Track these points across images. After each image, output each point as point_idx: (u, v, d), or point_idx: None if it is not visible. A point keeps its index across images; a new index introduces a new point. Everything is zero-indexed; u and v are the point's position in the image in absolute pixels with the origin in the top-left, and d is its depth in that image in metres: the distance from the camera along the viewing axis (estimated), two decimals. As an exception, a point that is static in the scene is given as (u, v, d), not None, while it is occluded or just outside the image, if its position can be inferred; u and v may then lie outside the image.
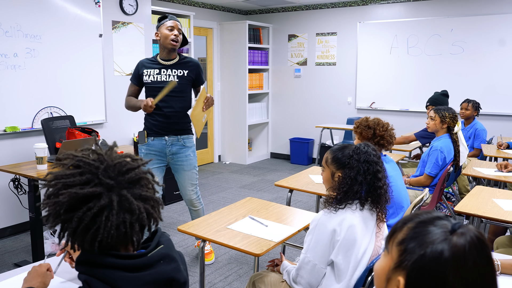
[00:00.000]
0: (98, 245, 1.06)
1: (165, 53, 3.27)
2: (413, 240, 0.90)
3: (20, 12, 4.02)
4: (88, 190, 1.04)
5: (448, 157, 3.71)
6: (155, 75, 3.25)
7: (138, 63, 3.35)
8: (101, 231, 1.04)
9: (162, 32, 3.20)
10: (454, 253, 0.85)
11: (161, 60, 3.29)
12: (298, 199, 5.25)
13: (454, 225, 0.89)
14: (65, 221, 1.06)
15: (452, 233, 0.88)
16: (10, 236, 4.17)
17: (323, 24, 7.07)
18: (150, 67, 3.28)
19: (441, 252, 0.85)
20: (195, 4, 6.68)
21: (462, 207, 2.64)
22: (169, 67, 3.27)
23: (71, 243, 1.08)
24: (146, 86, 3.31)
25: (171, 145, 3.31)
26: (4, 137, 4.06)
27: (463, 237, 0.87)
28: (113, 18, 4.87)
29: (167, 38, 3.18)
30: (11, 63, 4.00)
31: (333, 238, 1.83)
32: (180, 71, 3.28)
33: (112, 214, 1.05)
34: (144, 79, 3.27)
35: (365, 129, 2.93)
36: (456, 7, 5.94)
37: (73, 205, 1.04)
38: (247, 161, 7.35)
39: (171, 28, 3.20)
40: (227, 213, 2.54)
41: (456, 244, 0.86)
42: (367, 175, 1.86)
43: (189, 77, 3.32)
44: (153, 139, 3.30)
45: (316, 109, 7.31)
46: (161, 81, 3.24)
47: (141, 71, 3.28)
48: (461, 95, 5.69)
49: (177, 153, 3.33)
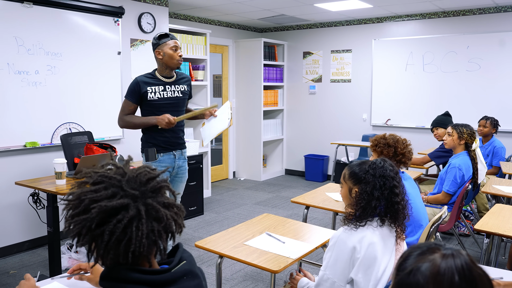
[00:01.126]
0: (132, 255, 1.06)
1: (168, 70, 3.31)
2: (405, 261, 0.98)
3: (42, 30, 4.12)
4: (116, 202, 1.06)
5: (466, 174, 3.66)
6: (160, 92, 3.28)
7: (137, 81, 3.25)
8: (133, 241, 1.05)
9: (167, 52, 3.23)
10: (432, 271, 0.91)
11: (162, 77, 3.32)
12: (314, 216, 5.22)
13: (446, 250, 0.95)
14: (95, 237, 1.06)
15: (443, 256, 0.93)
16: (27, 250, 4.20)
17: (338, 41, 7.11)
18: (153, 84, 3.27)
19: (422, 270, 0.92)
20: (211, 22, 6.78)
21: (482, 226, 2.60)
22: (171, 83, 3.34)
23: (103, 258, 1.09)
24: (150, 103, 3.26)
25: (178, 159, 3.41)
26: (24, 152, 4.13)
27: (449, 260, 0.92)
28: (131, 36, 4.97)
29: (173, 58, 3.25)
30: (32, 79, 4.09)
31: (353, 256, 1.81)
32: (182, 87, 3.40)
33: (142, 223, 1.06)
34: (149, 97, 3.24)
35: (385, 147, 2.86)
36: (472, 24, 5.93)
37: (102, 219, 1.05)
38: (261, 178, 7.34)
39: (175, 48, 3.25)
40: (244, 229, 2.53)
41: (436, 264, 0.91)
42: (384, 190, 1.85)
43: (188, 91, 3.46)
44: (162, 155, 3.34)
45: (331, 125, 7.30)
46: (167, 97, 3.30)
47: (144, 89, 3.23)
48: (478, 112, 5.64)
49: (181, 166, 3.44)
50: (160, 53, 3.24)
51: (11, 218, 4.11)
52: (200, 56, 5.89)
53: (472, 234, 4.28)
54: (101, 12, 4.58)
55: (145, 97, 3.25)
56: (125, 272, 1.09)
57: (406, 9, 6.01)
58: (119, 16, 4.76)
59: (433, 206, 3.71)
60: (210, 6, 5.71)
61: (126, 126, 3.35)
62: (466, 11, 5.94)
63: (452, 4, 5.62)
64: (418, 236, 2.66)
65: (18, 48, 3.96)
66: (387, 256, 1.86)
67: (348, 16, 6.56)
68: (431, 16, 6.22)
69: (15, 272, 3.72)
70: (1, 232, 4.04)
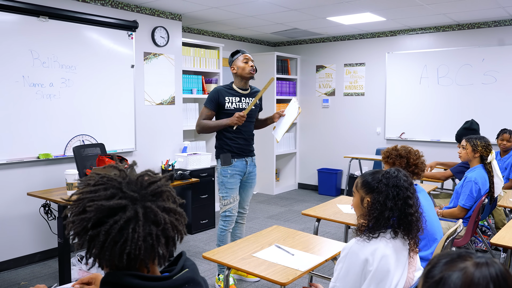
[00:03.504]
0: (126, 257, 1.05)
1: (243, 83, 3.61)
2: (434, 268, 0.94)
3: (57, 44, 4.19)
4: (114, 202, 1.05)
5: (483, 188, 3.57)
6: (236, 103, 3.56)
7: (217, 90, 3.55)
8: (129, 242, 1.03)
9: (239, 65, 3.55)
10: (464, 281, 0.86)
11: (239, 89, 3.60)
12: (326, 230, 5.14)
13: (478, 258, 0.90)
14: (92, 237, 1.05)
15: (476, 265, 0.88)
16: (39, 262, 4.21)
17: (351, 55, 7.09)
18: (231, 95, 3.55)
19: (453, 279, 0.87)
20: (224, 36, 6.83)
21: (499, 240, 2.52)
22: (246, 95, 3.62)
23: (99, 259, 1.08)
24: (226, 112, 3.52)
25: (249, 165, 3.68)
26: (37, 164, 4.16)
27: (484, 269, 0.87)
28: (145, 50, 5.02)
29: (245, 69, 3.55)
30: (47, 92, 4.14)
31: (365, 268, 1.76)
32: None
33: (139, 225, 1.05)
34: (227, 106, 3.52)
35: (397, 158, 2.83)
36: (487, 37, 5.86)
37: (100, 219, 1.05)
38: (274, 191, 7.28)
39: (246, 60, 3.56)
40: (252, 241, 2.49)
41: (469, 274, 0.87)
42: (397, 201, 1.80)
43: (259, 104, 3.77)
44: (236, 160, 3.57)
45: (344, 139, 7.24)
46: (241, 108, 3.57)
47: (223, 98, 3.51)
48: (494, 126, 5.54)
49: (252, 171, 3.73)
50: (234, 68, 3.58)
51: (23, 229, 4.13)
52: (213, 69, 5.92)
53: (490, 250, 4.16)
54: (115, 26, 4.65)
55: (222, 105, 3.52)
56: (126, 277, 1.07)
57: (419, 22, 5.98)
58: (133, 30, 4.82)
59: (448, 220, 3.63)
60: (223, 20, 5.76)
61: (203, 130, 3.57)
62: (481, 24, 5.88)
63: (467, 17, 5.57)
64: (432, 250, 2.58)
65: (33, 61, 4.02)
66: (400, 269, 1.80)
67: (361, 29, 6.55)
68: (446, 29, 6.17)
69: (26, 284, 3.72)
70: (13, 243, 4.06)
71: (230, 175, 3.56)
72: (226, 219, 3.56)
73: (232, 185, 3.55)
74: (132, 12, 4.88)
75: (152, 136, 5.16)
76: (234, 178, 3.56)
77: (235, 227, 3.78)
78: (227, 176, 3.54)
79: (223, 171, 3.56)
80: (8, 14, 3.85)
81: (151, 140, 5.11)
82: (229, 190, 3.54)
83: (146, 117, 5.06)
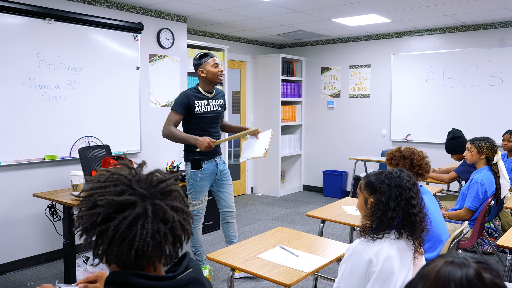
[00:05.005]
0: (134, 253, 1.05)
1: (210, 86, 3.59)
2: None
3: (63, 46, 4.21)
4: (124, 197, 1.06)
5: (489, 190, 3.55)
6: (205, 106, 3.56)
7: (186, 95, 3.51)
8: (137, 238, 1.04)
9: (209, 69, 3.50)
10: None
11: (205, 92, 3.58)
12: (331, 232, 5.13)
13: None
14: (101, 232, 1.06)
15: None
16: (44, 263, 4.23)
17: (356, 57, 7.07)
18: (200, 99, 3.54)
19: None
20: (229, 38, 6.84)
21: (506, 241, 2.50)
22: (213, 98, 3.61)
23: (107, 255, 1.08)
24: (196, 116, 3.51)
25: (219, 164, 3.68)
26: (43, 165, 4.18)
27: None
28: (150, 52, 5.04)
29: (215, 74, 3.52)
30: (53, 94, 4.17)
31: (369, 269, 1.75)
32: (220, 101, 3.70)
33: (147, 222, 1.05)
34: (196, 110, 3.50)
35: (401, 160, 2.83)
36: (493, 38, 5.83)
37: (109, 215, 1.06)
38: (279, 193, 7.28)
39: (216, 65, 3.53)
40: (257, 242, 2.49)
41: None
42: (400, 201, 1.79)
43: (224, 105, 3.77)
44: (206, 163, 3.58)
45: (349, 141, 7.22)
46: (210, 111, 3.58)
47: (193, 102, 3.49)
48: (501, 127, 5.50)
49: (223, 170, 3.73)
50: (203, 72, 3.52)
51: (29, 230, 4.14)
52: (218, 71, 5.92)
53: (496, 252, 4.12)
54: (121, 28, 4.67)
55: (192, 109, 3.50)
56: (130, 277, 1.07)
57: (425, 24, 5.96)
58: (138, 32, 4.84)
59: (453, 221, 3.60)
60: (228, 22, 5.77)
61: (168, 136, 3.49)
62: (487, 25, 5.85)
63: (473, 18, 5.55)
64: (438, 252, 2.57)
65: (39, 63, 4.05)
66: (405, 271, 1.79)
67: (366, 31, 6.54)
68: (451, 31, 6.14)
69: (32, 285, 3.73)
70: (19, 245, 4.08)
71: (201, 178, 3.58)
72: (194, 218, 3.62)
73: (202, 188, 3.60)
74: (137, 14, 4.90)
75: (157, 138, 5.15)
76: (204, 181, 3.59)
77: (227, 227, 3.81)
78: (197, 180, 3.57)
79: (193, 175, 3.58)
80: (15, 16, 3.88)
81: (156, 142, 5.12)
82: (198, 193, 3.60)
83: (151, 118, 5.07)
